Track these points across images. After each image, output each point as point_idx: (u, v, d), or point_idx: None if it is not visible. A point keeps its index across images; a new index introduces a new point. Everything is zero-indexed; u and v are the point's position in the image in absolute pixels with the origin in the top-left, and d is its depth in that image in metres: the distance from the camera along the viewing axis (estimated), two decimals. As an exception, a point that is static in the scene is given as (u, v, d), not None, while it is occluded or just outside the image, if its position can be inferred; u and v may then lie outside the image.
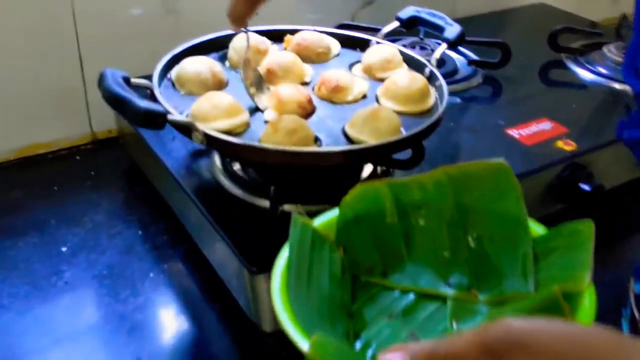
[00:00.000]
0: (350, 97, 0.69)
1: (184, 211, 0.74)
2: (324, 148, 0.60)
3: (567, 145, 0.82)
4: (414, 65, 0.76)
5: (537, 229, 0.46)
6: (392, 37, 1.03)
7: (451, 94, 0.92)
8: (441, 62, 0.99)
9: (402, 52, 0.76)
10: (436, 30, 0.82)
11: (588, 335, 0.31)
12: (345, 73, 0.70)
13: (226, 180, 0.69)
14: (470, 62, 1.00)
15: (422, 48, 1.00)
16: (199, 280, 0.72)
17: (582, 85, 1.01)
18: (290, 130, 0.58)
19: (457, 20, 1.14)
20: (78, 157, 0.92)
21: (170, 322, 0.67)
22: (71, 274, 0.71)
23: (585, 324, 0.37)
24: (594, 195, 0.79)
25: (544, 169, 0.78)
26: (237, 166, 0.70)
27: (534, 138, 0.83)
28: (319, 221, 0.48)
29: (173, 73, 0.69)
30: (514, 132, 0.84)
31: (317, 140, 0.62)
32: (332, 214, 0.48)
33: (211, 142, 0.57)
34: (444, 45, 0.79)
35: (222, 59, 0.76)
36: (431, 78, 0.73)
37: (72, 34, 0.86)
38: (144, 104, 0.53)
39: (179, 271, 0.73)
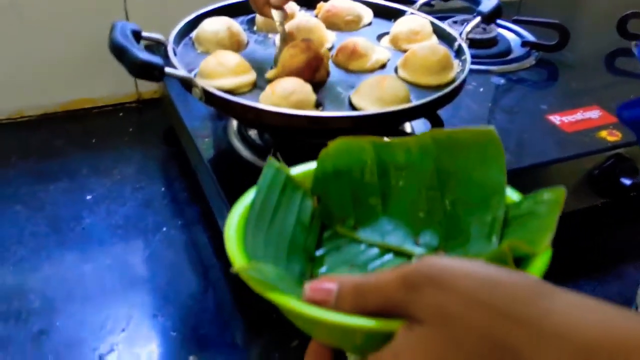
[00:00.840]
0: (367, 65, 0.66)
1: (200, 170, 0.75)
2: (314, 112, 0.58)
3: (610, 136, 0.76)
4: (445, 38, 0.73)
5: (513, 196, 0.44)
6: (448, 13, 1.00)
7: (498, 74, 0.89)
8: (493, 42, 0.95)
9: (433, 24, 0.73)
10: (473, 3, 0.77)
11: (507, 278, 0.31)
12: (365, 40, 0.68)
13: (239, 144, 0.69)
14: (525, 43, 0.95)
15: (484, 29, 0.96)
16: (208, 238, 0.73)
17: (648, 75, 0.93)
18: (287, 92, 0.57)
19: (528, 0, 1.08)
20: (121, 114, 0.96)
21: (173, 276, 0.68)
22: (90, 220, 0.75)
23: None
24: (634, 191, 0.73)
25: (579, 157, 0.73)
26: (253, 131, 0.70)
27: (576, 125, 0.77)
28: (295, 171, 0.47)
29: (194, 32, 0.70)
30: (555, 118, 0.78)
31: (319, 105, 0.61)
32: (310, 166, 0.48)
33: (209, 99, 0.57)
34: (478, 19, 0.75)
35: (252, 22, 0.76)
36: (459, 52, 0.70)
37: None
38: (142, 55, 0.54)
39: (191, 228, 0.74)
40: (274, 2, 0.67)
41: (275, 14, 0.68)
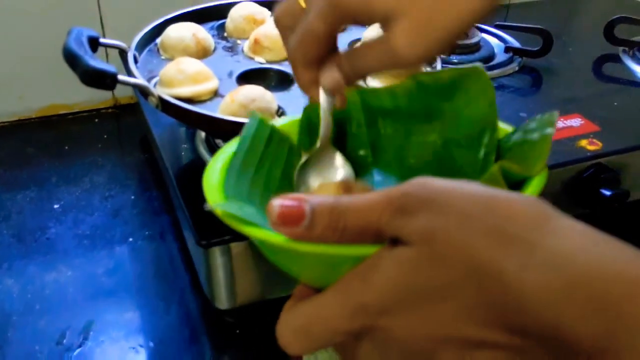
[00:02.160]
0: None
1: (167, 179, 0.74)
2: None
3: (591, 145, 0.73)
4: (418, 44, 0.71)
5: (506, 129, 0.42)
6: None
7: (478, 81, 0.87)
8: (476, 47, 0.93)
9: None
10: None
11: (506, 200, 0.28)
12: (334, 48, 0.66)
13: (206, 153, 0.68)
14: (507, 48, 0.93)
15: (466, 34, 0.94)
16: (176, 250, 0.71)
17: (635, 83, 0.91)
18: (248, 100, 0.55)
19: (516, 5, 1.06)
20: (97, 120, 0.94)
21: (137, 288, 0.67)
22: (56, 230, 0.73)
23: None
24: (614, 202, 0.71)
25: (557, 166, 0.71)
26: (220, 140, 0.69)
27: (555, 134, 0.74)
28: (280, 122, 0.45)
29: (159, 38, 0.68)
30: (534, 126, 0.76)
31: (282, 114, 0.59)
32: (295, 118, 0.45)
33: (165, 107, 0.56)
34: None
35: (222, 27, 0.74)
36: (431, 59, 0.68)
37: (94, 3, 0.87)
38: (94, 62, 0.53)
39: (159, 238, 0.73)
40: (326, 84, 0.43)
41: (323, 99, 0.43)
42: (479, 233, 0.27)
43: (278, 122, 0.44)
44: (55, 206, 0.77)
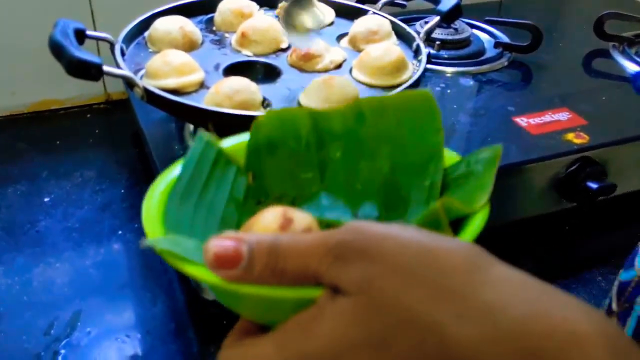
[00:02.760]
0: (319, 66, 0.65)
1: (156, 172, 0.74)
2: (255, 112, 0.56)
3: (577, 138, 0.74)
4: (405, 37, 0.71)
5: (453, 158, 0.42)
6: (421, 14, 0.98)
7: (468, 75, 0.87)
8: (466, 42, 0.94)
9: (393, 23, 0.71)
10: (433, 2, 0.76)
11: (439, 247, 0.29)
12: (320, 41, 0.67)
13: (194, 144, 0.68)
14: (497, 44, 0.93)
15: (455, 30, 0.94)
16: (163, 243, 0.71)
17: (624, 78, 0.91)
18: (232, 92, 0.55)
19: (509, 1, 1.06)
20: (89, 116, 0.95)
21: (125, 281, 0.67)
22: (45, 224, 0.73)
23: (464, 240, 0.34)
24: (600, 195, 0.71)
25: (543, 160, 0.71)
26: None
27: (542, 128, 0.76)
28: (227, 143, 0.44)
29: (147, 32, 0.69)
30: (521, 120, 0.77)
31: (267, 105, 0.60)
32: (243, 137, 0.44)
33: (150, 98, 0.56)
34: (437, 18, 0.73)
35: (210, 21, 0.75)
36: (417, 52, 0.68)
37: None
38: (79, 53, 0.53)
39: (147, 232, 0.73)
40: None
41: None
42: (414, 285, 0.27)
43: (225, 143, 0.43)
44: (46, 200, 0.77)
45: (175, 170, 0.40)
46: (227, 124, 0.54)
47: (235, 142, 0.44)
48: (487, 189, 0.36)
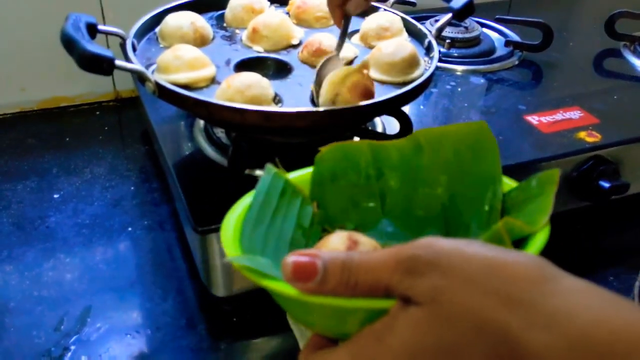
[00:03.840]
0: (331, 63, 0.65)
1: (166, 170, 0.74)
2: (267, 107, 0.56)
3: (589, 137, 0.73)
4: (416, 35, 0.71)
5: (510, 184, 0.45)
6: (431, 12, 0.98)
7: (479, 74, 0.87)
8: (476, 41, 0.93)
9: (404, 20, 0.71)
10: (444, 0, 0.76)
11: (507, 259, 0.30)
12: (330, 37, 0.66)
13: (205, 143, 0.68)
14: (507, 42, 0.92)
15: (466, 28, 0.94)
16: (174, 239, 0.71)
17: (635, 77, 0.91)
18: (244, 87, 0.55)
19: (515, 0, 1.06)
20: (98, 113, 0.95)
21: (135, 276, 0.67)
22: (55, 219, 0.73)
23: None
24: (613, 194, 0.71)
25: (555, 158, 0.70)
26: (219, 129, 0.69)
27: (554, 126, 0.75)
28: (293, 175, 0.47)
29: (158, 27, 0.69)
30: (533, 119, 0.76)
31: (279, 101, 0.60)
32: (307, 170, 0.48)
33: (162, 93, 0.56)
34: (449, 16, 0.73)
35: (221, 17, 0.74)
36: (429, 49, 0.68)
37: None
38: (90, 47, 0.53)
39: (157, 228, 0.73)
40: (351, 9, 0.60)
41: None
42: (483, 294, 0.28)
43: (291, 175, 0.46)
44: (55, 196, 0.77)
45: (246, 199, 0.43)
46: (237, 119, 0.54)
47: (300, 174, 0.47)
48: (547, 210, 0.38)
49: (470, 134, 0.44)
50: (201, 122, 0.71)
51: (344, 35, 0.63)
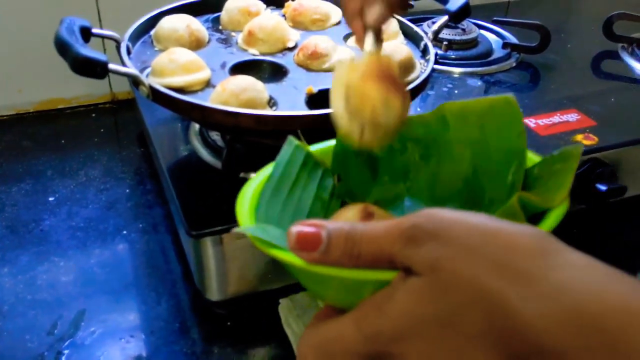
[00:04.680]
0: (326, 65, 0.64)
1: (160, 173, 0.74)
2: (260, 111, 0.56)
3: (586, 140, 0.73)
4: (412, 37, 0.71)
5: (534, 159, 0.44)
6: (428, 15, 0.97)
7: (474, 76, 0.87)
8: (473, 43, 0.93)
9: (400, 23, 0.71)
10: (441, 2, 0.75)
11: (510, 230, 0.30)
12: (327, 40, 0.66)
13: (200, 146, 0.68)
14: (505, 44, 0.92)
15: (463, 30, 0.94)
16: (167, 243, 0.71)
17: (633, 79, 0.90)
18: (238, 90, 0.55)
19: (517, 2, 1.06)
20: (94, 115, 0.94)
21: (129, 280, 0.66)
22: (50, 222, 0.73)
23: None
24: (610, 197, 0.70)
25: (552, 162, 0.70)
26: (214, 132, 0.69)
27: (551, 129, 0.75)
28: (315, 148, 0.47)
29: (153, 30, 0.68)
30: (530, 121, 0.76)
31: (274, 104, 0.59)
32: (330, 142, 0.47)
33: (156, 97, 0.56)
34: (445, 18, 0.73)
35: (217, 20, 0.74)
36: (425, 52, 0.67)
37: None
38: (84, 50, 0.53)
39: (152, 231, 0.73)
40: (370, 20, 0.50)
41: (368, 38, 0.50)
42: (481, 264, 0.28)
43: (313, 147, 0.46)
44: (50, 199, 0.77)
45: (266, 170, 0.43)
46: (231, 123, 0.54)
47: (322, 147, 0.47)
48: (566, 186, 0.38)
49: (496, 107, 0.43)
50: (196, 125, 0.70)
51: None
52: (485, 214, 0.32)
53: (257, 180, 0.42)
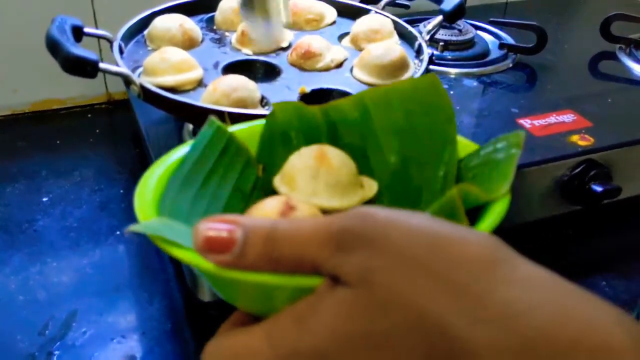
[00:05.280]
0: (320, 65, 0.64)
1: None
2: (251, 110, 0.56)
3: (582, 140, 0.73)
4: (406, 37, 0.70)
5: (470, 147, 0.40)
6: (425, 15, 0.97)
7: (472, 77, 0.86)
8: (469, 44, 0.93)
9: (395, 23, 0.70)
10: (436, 2, 0.75)
11: (453, 240, 0.25)
12: (320, 40, 0.66)
13: (193, 144, 0.67)
14: (502, 45, 0.92)
15: (459, 31, 0.93)
16: (162, 243, 0.71)
17: (631, 80, 0.90)
18: (230, 89, 0.55)
19: (515, 2, 1.06)
20: (90, 115, 0.94)
21: (122, 280, 0.66)
22: (43, 223, 0.73)
23: (482, 229, 0.32)
24: (605, 199, 0.70)
25: (547, 162, 0.70)
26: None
27: (546, 129, 0.75)
28: (239, 128, 0.41)
29: (147, 30, 0.68)
30: (525, 122, 0.76)
31: (266, 104, 0.59)
32: (256, 123, 0.42)
33: (147, 96, 0.55)
34: (440, 18, 0.73)
35: (211, 20, 0.74)
36: (419, 52, 0.67)
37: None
38: (75, 50, 0.52)
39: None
40: None
41: None
42: (422, 278, 0.24)
43: (237, 127, 0.40)
44: (44, 199, 0.76)
45: (178, 152, 0.37)
46: (224, 122, 0.53)
47: (247, 127, 0.41)
48: (508, 177, 0.34)
49: (420, 89, 0.39)
50: (190, 125, 0.70)
51: None
52: (424, 213, 0.28)
53: (165, 163, 0.36)
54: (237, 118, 0.53)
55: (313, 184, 0.37)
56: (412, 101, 0.39)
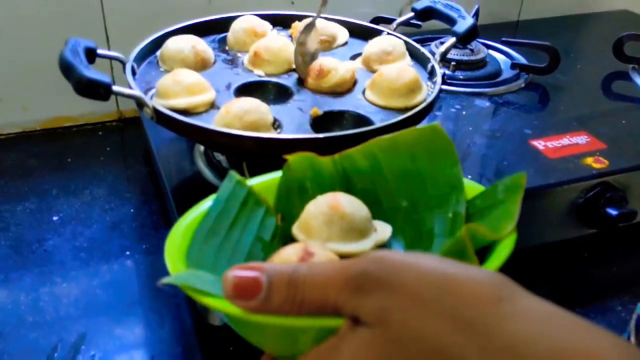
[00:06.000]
0: (336, 79, 0.64)
1: (165, 192, 0.73)
2: (262, 134, 0.55)
3: (597, 163, 0.72)
4: (419, 58, 0.70)
5: (475, 189, 0.43)
6: (436, 34, 0.97)
7: (482, 97, 0.86)
8: (481, 63, 0.92)
9: (407, 44, 0.70)
10: (449, 23, 0.75)
11: (462, 276, 0.28)
12: (330, 58, 0.66)
13: (204, 166, 0.67)
14: (514, 65, 0.91)
15: (471, 50, 0.93)
16: (172, 264, 0.70)
17: (644, 100, 0.89)
18: (242, 112, 0.54)
19: (526, 21, 1.05)
20: (101, 133, 0.94)
21: (132, 302, 0.66)
22: (53, 242, 0.72)
23: (489, 267, 0.35)
24: (621, 222, 0.69)
25: (562, 184, 0.69)
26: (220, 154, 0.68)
27: (560, 151, 0.74)
28: (257, 181, 0.44)
29: (159, 51, 0.68)
30: (539, 143, 0.75)
31: (278, 127, 0.59)
32: (274, 175, 0.45)
33: (160, 119, 0.55)
34: (453, 40, 0.72)
35: (223, 41, 0.74)
36: (432, 73, 0.67)
37: (99, 15, 0.88)
38: (88, 72, 0.52)
39: (156, 252, 0.72)
40: None
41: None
42: (434, 316, 0.27)
43: (256, 180, 0.44)
44: (54, 218, 0.76)
45: (202, 206, 0.40)
46: (234, 145, 0.53)
47: (265, 180, 0.44)
48: (512, 217, 0.37)
49: (424, 137, 0.42)
50: (201, 146, 0.70)
51: None
52: (436, 255, 0.31)
53: (190, 217, 0.40)
54: (248, 141, 0.53)
55: (329, 231, 0.40)
56: (418, 148, 0.42)
